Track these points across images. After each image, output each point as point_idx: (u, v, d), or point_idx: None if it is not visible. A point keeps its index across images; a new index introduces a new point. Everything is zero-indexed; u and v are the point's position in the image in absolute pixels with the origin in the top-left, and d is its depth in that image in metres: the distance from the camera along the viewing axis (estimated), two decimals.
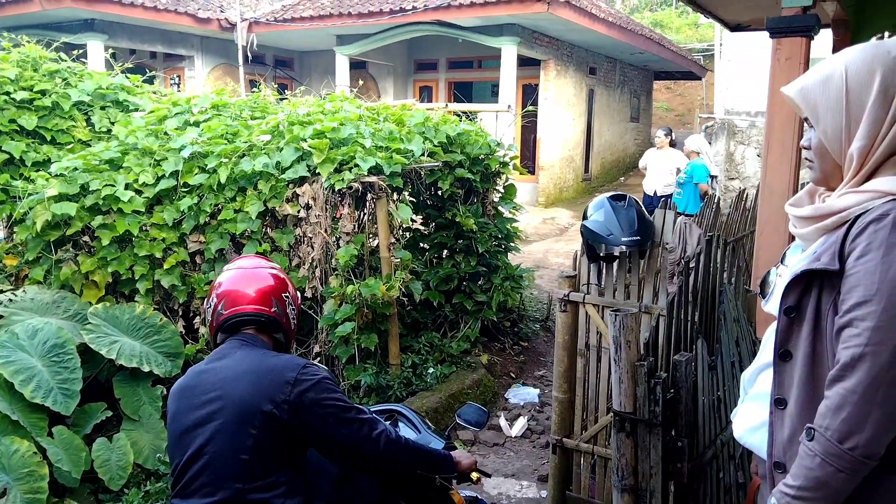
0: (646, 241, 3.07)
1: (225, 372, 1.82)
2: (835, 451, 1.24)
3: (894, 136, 1.32)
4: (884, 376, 1.22)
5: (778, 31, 3.46)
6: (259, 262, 2.04)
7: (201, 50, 14.24)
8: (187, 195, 4.78)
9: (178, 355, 4.53)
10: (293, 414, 1.75)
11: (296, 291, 2.05)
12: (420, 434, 2.38)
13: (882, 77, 1.31)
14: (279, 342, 2.00)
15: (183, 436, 1.81)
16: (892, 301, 1.23)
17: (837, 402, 1.25)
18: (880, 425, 1.23)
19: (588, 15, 12.15)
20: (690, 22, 26.70)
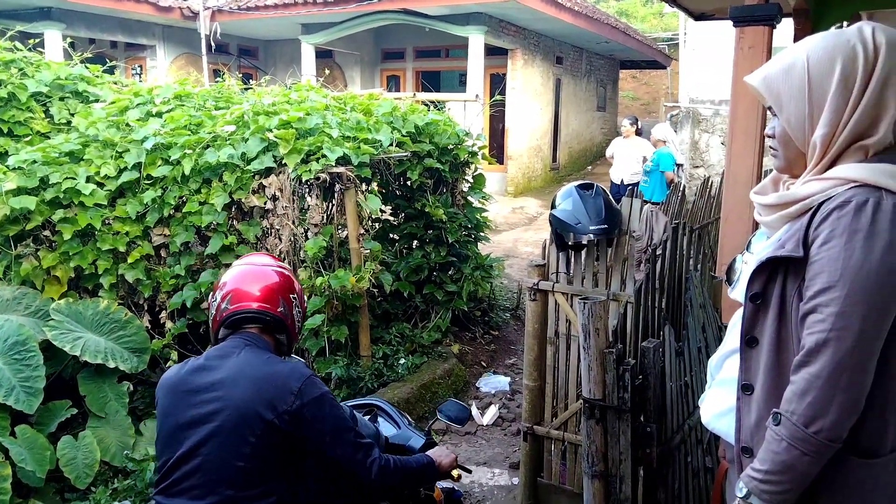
0: (613, 230, 3.09)
1: (227, 372, 1.78)
2: (801, 435, 1.27)
3: (855, 124, 1.34)
4: (848, 361, 1.24)
5: (741, 19, 3.49)
6: (267, 259, 2.00)
7: (163, 39, 13.97)
8: (151, 187, 4.69)
9: (144, 351, 4.46)
10: (293, 424, 1.73)
11: (303, 292, 2.03)
12: (400, 429, 2.35)
13: (842, 66, 1.33)
14: (280, 343, 1.96)
15: (176, 432, 1.77)
16: (854, 287, 1.24)
17: (803, 386, 1.27)
18: (844, 409, 1.25)
19: (554, 4, 12.18)
20: (655, 11, 26.92)
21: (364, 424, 2.16)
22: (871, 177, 1.29)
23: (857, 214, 1.27)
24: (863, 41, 1.33)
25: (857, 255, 1.25)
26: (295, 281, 1.99)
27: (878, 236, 1.25)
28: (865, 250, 1.25)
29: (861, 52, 1.33)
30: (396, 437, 2.30)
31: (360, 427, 2.09)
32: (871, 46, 1.33)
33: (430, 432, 2.40)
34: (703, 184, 5.55)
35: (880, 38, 1.34)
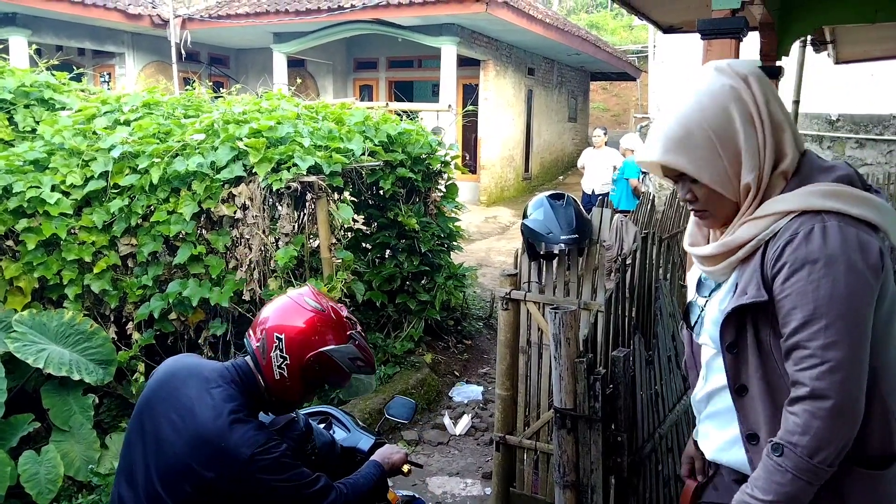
0: (584, 239, 3.11)
1: (196, 406, 1.70)
2: (805, 467, 1.28)
3: (771, 154, 1.37)
4: (848, 391, 1.27)
5: (708, 32, 3.54)
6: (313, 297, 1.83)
7: (132, 47, 13.80)
8: (118, 197, 4.61)
9: (110, 363, 4.37)
10: (238, 487, 1.67)
11: (304, 340, 1.76)
12: (350, 433, 2.37)
13: (738, 110, 1.36)
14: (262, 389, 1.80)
15: (137, 436, 1.74)
16: (832, 317, 1.27)
17: (806, 419, 1.28)
18: (846, 436, 1.29)
19: (526, 16, 12.28)
20: (625, 24, 27.30)
21: (320, 434, 2.17)
22: (805, 203, 1.32)
23: (808, 244, 1.29)
24: (734, 80, 1.37)
25: (824, 284, 1.27)
26: (298, 327, 1.76)
27: (836, 260, 1.27)
28: (830, 278, 1.27)
29: (743, 90, 1.36)
30: (347, 441, 2.32)
31: (316, 437, 2.09)
32: (744, 81, 1.37)
33: (379, 432, 2.43)
34: (673, 193, 5.62)
35: (743, 70, 1.38)
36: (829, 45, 6.97)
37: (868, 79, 10.40)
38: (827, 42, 6.80)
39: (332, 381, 1.83)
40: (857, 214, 1.29)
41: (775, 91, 1.39)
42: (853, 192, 1.31)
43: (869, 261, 1.27)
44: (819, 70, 9.22)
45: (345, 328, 1.80)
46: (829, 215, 1.30)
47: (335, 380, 1.82)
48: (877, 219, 1.30)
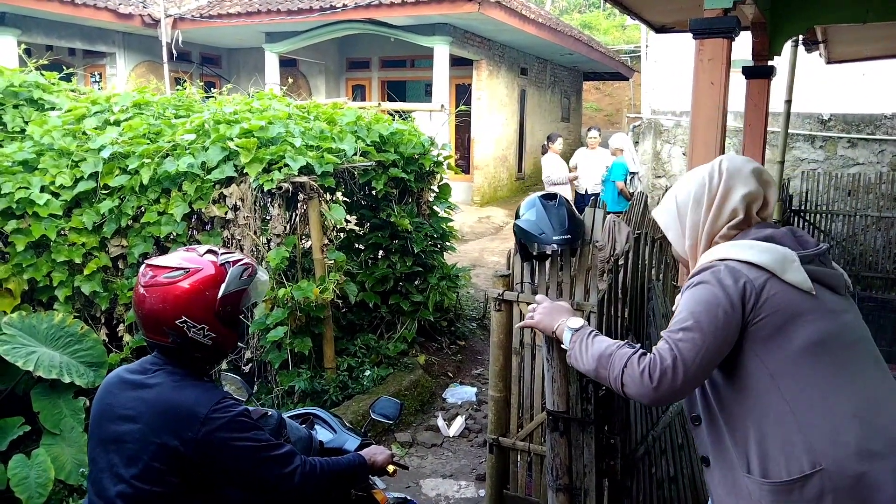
0: (577, 240, 3.09)
1: (142, 392, 1.74)
2: (603, 374, 1.70)
3: (709, 228, 1.72)
4: (675, 360, 1.60)
5: (700, 32, 3.54)
6: (156, 274, 1.78)
7: (123, 47, 13.72)
8: (108, 197, 4.59)
9: (101, 365, 4.34)
10: (200, 451, 1.68)
11: (208, 301, 1.78)
12: (336, 434, 2.37)
13: (694, 192, 1.75)
14: (199, 359, 1.83)
15: (98, 446, 1.78)
16: (690, 312, 1.59)
17: (640, 364, 1.61)
18: (647, 393, 1.63)
19: (518, 16, 12.27)
20: (618, 24, 27.33)
21: (294, 429, 2.17)
22: (710, 258, 1.66)
23: (695, 284, 1.64)
24: (710, 171, 1.75)
25: (695, 295, 1.62)
26: (185, 297, 1.75)
27: (709, 281, 1.61)
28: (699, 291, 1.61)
29: (707, 180, 1.74)
30: (332, 442, 2.32)
31: (290, 431, 2.10)
32: (717, 173, 1.73)
33: (366, 433, 2.44)
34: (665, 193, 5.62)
35: (724, 166, 1.74)
36: (821, 45, 6.99)
37: (859, 78, 10.42)
38: (818, 42, 6.82)
39: (243, 305, 1.87)
40: (745, 258, 1.60)
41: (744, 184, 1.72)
42: (752, 244, 1.63)
43: (735, 283, 1.57)
44: (811, 70, 9.24)
45: (214, 261, 1.82)
46: (723, 262, 1.62)
47: (244, 303, 1.87)
48: (765, 260, 1.59)
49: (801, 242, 1.66)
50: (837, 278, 1.65)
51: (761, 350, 1.56)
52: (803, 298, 1.56)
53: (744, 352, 1.58)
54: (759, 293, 1.56)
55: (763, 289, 1.56)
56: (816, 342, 1.54)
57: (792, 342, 1.54)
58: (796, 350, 1.54)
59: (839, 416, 1.50)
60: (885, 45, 7.11)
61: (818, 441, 1.49)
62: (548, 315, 1.89)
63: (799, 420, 1.52)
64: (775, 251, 1.59)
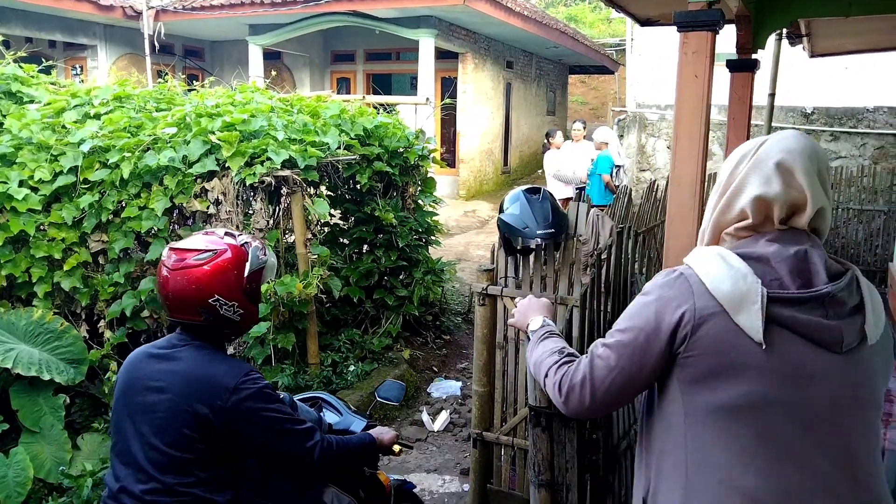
0: (560, 234, 3.09)
1: (171, 365, 1.84)
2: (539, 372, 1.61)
3: (716, 220, 1.46)
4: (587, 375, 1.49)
5: (685, 25, 3.53)
6: (185, 257, 1.86)
7: (105, 39, 13.55)
8: (88, 192, 4.53)
9: (81, 361, 4.30)
10: (228, 420, 1.77)
11: (237, 280, 1.88)
12: (342, 416, 2.44)
13: (725, 170, 1.47)
14: (226, 334, 1.96)
15: (125, 416, 1.85)
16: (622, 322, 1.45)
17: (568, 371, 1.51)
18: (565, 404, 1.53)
19: (504, 8, 12.24)
20: (603, 17, 27.35)
21: (305, 411, 2.24)
22: (692, 256, 1.43)
23: (648, 284, 1.45)
24: (747, 150, 1.44)
25: (635, 300, 1.45)
26: (220, 276, 1.85)
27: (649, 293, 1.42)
28: (637, 298, 1.46)
29: (737, 161, 1.45)
30: (339, 424, 2.39)
31: (301, 414, 2.15)
32: (749, 155, 1.43)
33: (371, 415, 2.54)
34: (650, 187, 5.63)
35: (760, 149, 1.42)
36: (805, 39, 7.02)
37: (842, 72, 10.48)
38: (802, 35, 6.84)
39: (263, 282, 2.00)
40: (707, 279, 1.34)
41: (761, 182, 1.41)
42: (728, 263, 1.35)
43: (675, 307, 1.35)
44: (794, 63, 9.28)
45: (234, 242, 1.91)
46: (691, 271, 1.39)
47: (263, 279, 1.99)
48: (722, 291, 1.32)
49: (802, 274, 1.34)
50: (828, 332, 1.31)
51: (685, 388, 1.36)
52: (751, 349, 1.30)
53: (671, 381, 1.39)
54: (697, 328, 1.33)
55: (704, 324, 1.32)
56: (743, 406, 1.30)
57: (716, 394, 1.32)
58: (718, 405, 1.32)
59: (729, 494, 1.31)
60: (867, 38, 7.15)
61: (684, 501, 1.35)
62: (522, 314, 1.87)
63: (689, 476, 1.35)
64: (741, 282, 1.32)
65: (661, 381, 1.42)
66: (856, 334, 1.33)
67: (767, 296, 1.30)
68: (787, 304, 1.30)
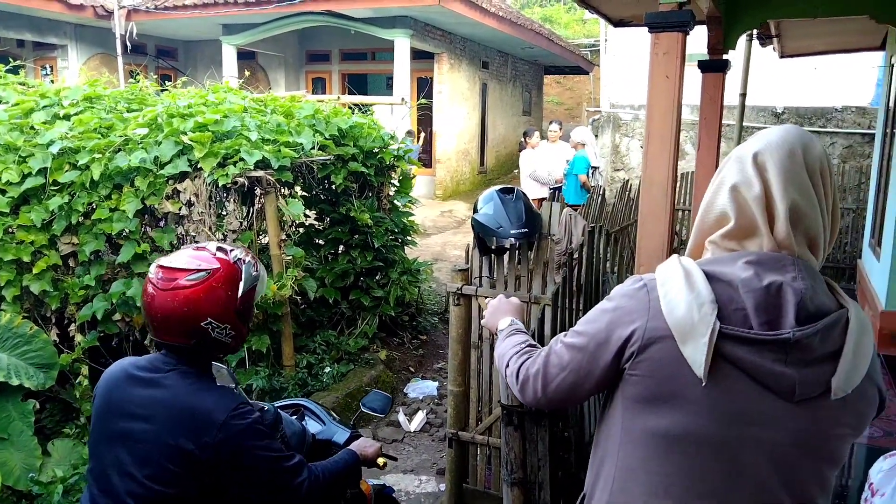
0: (534, 233, 3.10)
1: (155, 393, 1.74)
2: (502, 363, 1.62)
3: (698, 225, 1.37)
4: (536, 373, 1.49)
5: (656, 25, 3.57)
6: (176, 277, 1.75)
7: (75, 38, 13.35)
8: (57, 194, 4.45)
9: (51, 366, 4.22)
10: (215, 456, 1.68)
11: (230, 301, 1.78)
12: (325, 425, 2.39)
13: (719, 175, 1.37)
14: (214, 357, 1.87)
15: (105, 442, 1.76)
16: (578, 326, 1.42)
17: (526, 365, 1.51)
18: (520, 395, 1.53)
19: (479, 9, 12.27)
20: (578, 18, 27.52)
21: (289, 423, 2.18)
22: (663, 266, 1.33)
23: (616, 290, 1.38)
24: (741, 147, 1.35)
25: (600, 304, 1.40)
26: (214, 296, 1.76)
27: (613, 300, 1.36)
28: (602, 302, 1.39)
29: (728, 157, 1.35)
30: (322, 434, 2.34)
31: (286, 426, 2.11)
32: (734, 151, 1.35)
33: (354, 425, 2.47)
34: (623, 186, 5.67)
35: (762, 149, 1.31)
36: (775, 40, 7.12)
37: (811, 73, 10.66)
38: (772, 36, 6.94)
39: (255, 300, 1.90)
40: (667, 298, 1.26)
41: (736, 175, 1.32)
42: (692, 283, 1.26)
43: (628, 322, 1.29)
44: (765, 64, 9.42)
45: (227, 259, 1.80)
46: (658, 285, 1.30)
47: (256, 298, 1.89)
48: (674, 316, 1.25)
49: (768, 311, 1.22)
50: (779, 379, 1.21)
51: (626, 405, 1.32)
52: (692, 382, 1.23)
53: (616, 394, 1.35)
54: (644, 348, 1.27)
55: (651, 346, 1.27)
56: (676, 437, 1.26)
57: (652, 419, 1.28)
58: (652, 430, 1.28)
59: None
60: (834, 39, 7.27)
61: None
62: (492, 315, 1.86)
63: (612, 491, 1.34)
64: (695, 311, 1.23)
65: (610, 391, 1.39)
66: (818, 385, 1.22)
67: (720, 331, 1.21)
68: (740, 343, 1.21)
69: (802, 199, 1.25)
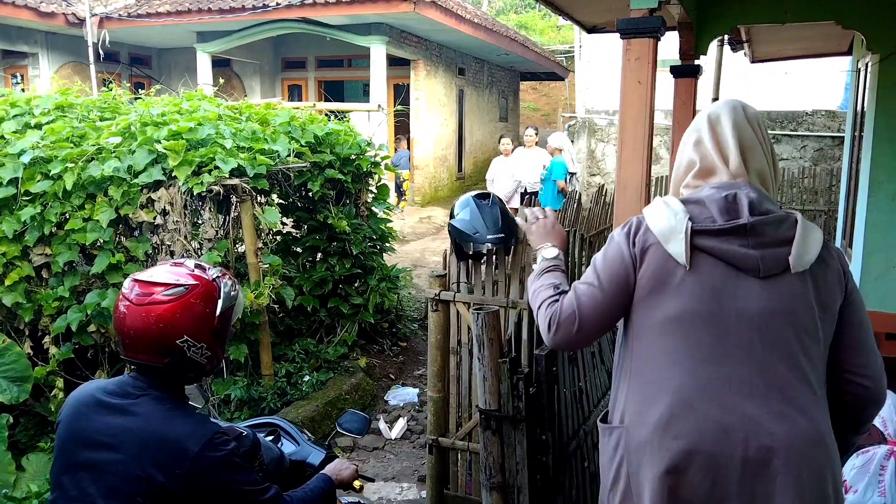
0: (510, 238, 3.12)
1: (125, 421, 1.65)
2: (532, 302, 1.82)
3: (675, 175, 1.75)
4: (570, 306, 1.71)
5: (627, 31, 3.61)
6: (152, 292, 1.68)
7: (46, 47, 13.18)
8: (29, 204, 4.39)
9: (25, 379, 4.15)
10: (188, 488, 1.61)
11: (208, 319, 1.72)
12: (300, 446, 2.33)
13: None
14: (189, 378, 1.78)
15: (68, 470, 1.66)
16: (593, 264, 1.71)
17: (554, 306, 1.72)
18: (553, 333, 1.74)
19: (454, 16, 12.31)
20: (552, 24, 27.71)
21: (268, 449, 2.12)
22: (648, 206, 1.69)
23: (613, 232, 1.73)
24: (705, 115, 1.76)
25: (603, 248, 1.71)
26: (186, 316, 1.69)
27: (614, 237, 1.70)
28: (604, 247, 1.72)
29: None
30: (296, 455, 2.28)
31: (264, 453, 2.03)
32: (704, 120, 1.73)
33: (330, 446, 2.40)
34: (599, 191, 5.72)
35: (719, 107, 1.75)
36: (746, 45, 7.23)
37: (782, 77, 10.83)
38: (743, 41, 7.05)
39: (233, 321, 1.84)
40: (649, 219, 1.64)
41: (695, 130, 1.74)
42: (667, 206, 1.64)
43: (631, 243, 1.64)
44: (736, 69, 9.55)
45: (206, 276, 1.75)
46: (640, 217, 1.68)
47: (233, 318, 1.83)
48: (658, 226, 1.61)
49: (729, 212, 1.59)
50: (745, 259, 1.54)
51: (636, 309, 1.64)
52: (677, 271, 1.57)
53: (631, 310, 1.66)
54: (644, 255, 1.62)
55: (647, 252, 1.61)
56: (673, 318, 1.57)
57: (654, 311, 1.60)
58: (656, 319, 1.59)
59: (657, 389, 1.57)
60: (803, 44, 7.40)
61: (631, 404, 1.63)
62: (539, 236, 1.96)
63: (631, 382, 1.64)
64: (671, 219, 1.61)
65: (625, 320, 1.68)
66: (779, 263, 1.55)
67: (692, 228, 1.57)
68: (710, 235, 1.56)
69: (747, 140, 1.67)
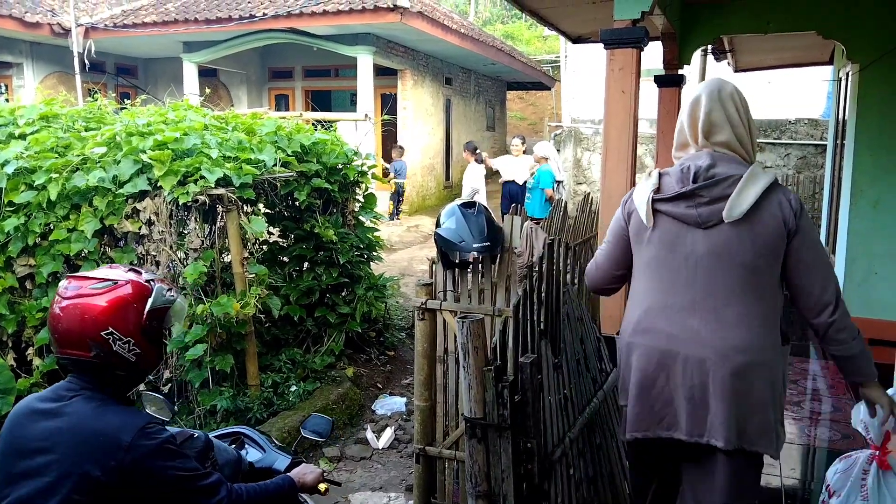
0: (496, 247, 3.13)
1: (57, 422, 1.65)
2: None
3: (673, 147, 2.25)
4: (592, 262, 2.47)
5: (611, 42, 3.65)
6: (81, 286, 1.72)
7: (31, 57, 13.13)
8: (13, 215, 4.37)
9: (8, 391, 4.12)
10: (124, 480, 1.61)
11: (136, 315, 1.74)
12: (265, 453, 2.34)
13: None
14: (121, 378, 1.77)
15: (12, 480, 1.66)
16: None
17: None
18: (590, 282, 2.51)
19: (441, 26, 12.38)
20: (538, 34, 27.89)
21: (222, 450, 2.12)
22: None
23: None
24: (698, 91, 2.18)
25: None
26: (120, 308, 1.72)
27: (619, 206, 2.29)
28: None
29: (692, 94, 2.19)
30: (262, 462, 2.29)
31: (217, 453, 2.04)
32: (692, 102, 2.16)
33: (296, 451, 2.42)
34: (584, 199, 5.75)
35: (701, 87, 2.16)
36: (729, 55, 7.32)
37: (766, 86, 10.96)
38: (726, 51, 7.13)
39: (167, 324, 1.86)
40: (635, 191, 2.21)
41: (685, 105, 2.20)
42: (647, 180, 2.17)
43: (624, 208, 2.25)
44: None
45: (138, 279, 1.79)
46: (632, 190, 2.26)
47: (167, 322, 1.85)
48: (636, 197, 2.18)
49: (682, 182, 2.08)
50: (688, 216, 2.05)
51: (633, 256, 2.23)
52: (646, 229, 2.13)
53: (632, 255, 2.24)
54: (629, 218, 2.21)
55: (631, 216, 2.20)
56: (645, 262, 2.16)
57: (637, 258, 2.20)
58: (638, 263, 2.20)
59: (638, 305, 2.17)
60: (786, 54, 7.49)
61: (626, 316, 2.23)
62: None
63: (629, 302, 2.23)
64: (644, 191, 2.15)
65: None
66: (716, 216, 2.01)
67: (653, 198, 2.11)
68: (664, 202, 2.09)
69: (716, 117, 2.09)
